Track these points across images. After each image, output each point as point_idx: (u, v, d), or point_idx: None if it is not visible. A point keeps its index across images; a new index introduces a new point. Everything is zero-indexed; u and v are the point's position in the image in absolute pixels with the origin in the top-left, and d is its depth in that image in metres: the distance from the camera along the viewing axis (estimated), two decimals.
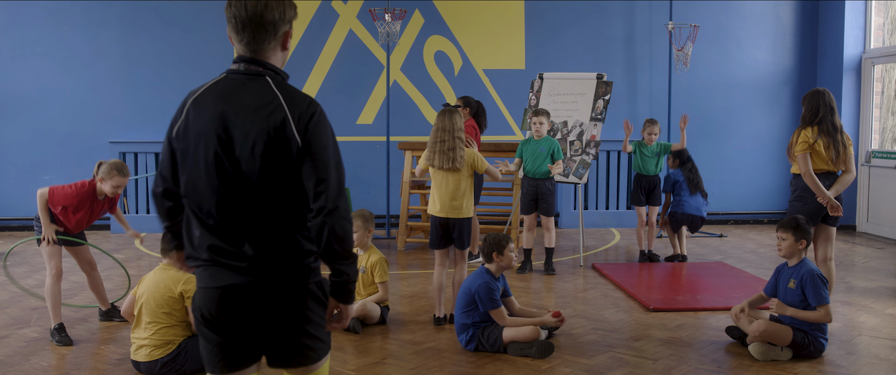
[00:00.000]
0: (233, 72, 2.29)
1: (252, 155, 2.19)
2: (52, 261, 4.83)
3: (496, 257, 4.69)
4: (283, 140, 2.18)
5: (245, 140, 2.19)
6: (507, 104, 9.78)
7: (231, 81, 2.27)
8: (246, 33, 2.26)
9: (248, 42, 2.27)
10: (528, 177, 6.72)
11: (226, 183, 2.22)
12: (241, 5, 2.23)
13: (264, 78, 2.27)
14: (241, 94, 2.24)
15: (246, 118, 2.20)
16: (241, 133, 2.20)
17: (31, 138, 9.22)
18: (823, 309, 4.36)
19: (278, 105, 2.21)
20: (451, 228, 5.11)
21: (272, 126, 2.18)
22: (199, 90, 2.31)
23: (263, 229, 2.23)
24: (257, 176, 2.20)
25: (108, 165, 4.78)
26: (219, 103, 2.23)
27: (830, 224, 5.18)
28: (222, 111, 2.22)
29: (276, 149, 2.18)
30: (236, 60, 2.30)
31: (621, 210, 9.69)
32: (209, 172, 2.22)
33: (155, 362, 4.10)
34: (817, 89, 5.18)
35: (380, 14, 8.58)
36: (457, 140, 5.02)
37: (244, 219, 2.23)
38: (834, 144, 5.05)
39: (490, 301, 4.55)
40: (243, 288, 2.23)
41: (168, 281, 4.15)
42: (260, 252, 2.22)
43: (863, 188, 9.32)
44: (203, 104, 2.26)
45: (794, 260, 4.52)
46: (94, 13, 9.27)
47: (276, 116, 2.19)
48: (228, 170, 2.21)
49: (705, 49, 9.73)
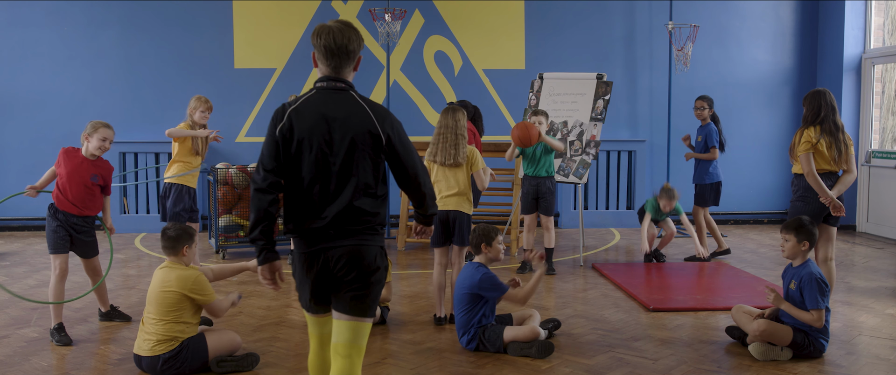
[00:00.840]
0: (322, 89, 2.96)
1: (346, 152, 2.89)
2: (57, 261, 4.85)
3: (484, 248, 4.69)
4: (374, 137, 2.91)
5: (342, 139, 2.88)
6: (507, 104, 9.79)
7: (323, 94, 2.95)
8: (333, 59, 2.94)
9: (334, 66, 2.95)
10: (529, 176, 6.72)
11: (324, 174, 2.90)
12: (330, 38, 2.91)
13: (348, 92, 2.97)
14: (333, 105, 2.92)
15: (342, 123, 2.89)
16: (339, 133, 2.89)
17: (31, 138, 9.23)
18: (816, 314, 4.35)
19: (366, 113, 2.93)
20: (451, 224, 5.12)
21: (366, 129, 2.90)
22: (296, 102, 2.96)
23: (348, 208, 2.90)
24: (349, 168, 2.90)
25: (90, 124, 4.90)
26: (319, 111, 2.91)
27: (832, 224, 5.18)
28: (324, 117, 2.90)
29: (366, 145, 2.91)
30: (323, 79, 2.97)
31: (621, 210, 9.70)
32: (313, 166, 2.89)
33: (157, 358, 4.11)
34: (818, 89, 5.18)
35: (380, 14, 8.59)
36: (459, 137, 5.11)
37: (336, 201, 2.90)
38: (836, 143, 5.06)
39: (497, 288, 4.58)
40: (331, 250, 2.94)
41: (173, 280, 4.16)
42: (344, 224, 2.90)
43: (863, 188, 9.32)
44: (303, 113, 2.91)
45: (798, 261, 4.52)
46: (94, 13, 9.27)
47: (367, 120, 2.91)
48: (328, 165, 2.89)
49: (705, 49, 9.74)
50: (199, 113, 6.32)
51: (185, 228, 4.32)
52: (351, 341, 2.98)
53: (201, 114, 6.32)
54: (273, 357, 4.51)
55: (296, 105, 2.94)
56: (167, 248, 4.29)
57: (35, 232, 9.32)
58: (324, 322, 3.15)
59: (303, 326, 5.15)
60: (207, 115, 6.37)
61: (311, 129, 2.89)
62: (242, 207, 7.68)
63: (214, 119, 8.87)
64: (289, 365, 4.36)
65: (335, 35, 2.90)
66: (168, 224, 4.40)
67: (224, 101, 9.29)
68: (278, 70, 9.54)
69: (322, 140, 2.89)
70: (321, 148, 2.89)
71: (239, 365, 4.24)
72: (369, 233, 2.96)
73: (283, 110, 2.95)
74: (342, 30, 2.93)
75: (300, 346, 4.72)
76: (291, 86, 9.46)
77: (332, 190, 2.90)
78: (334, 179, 2.90)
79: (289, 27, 9.50)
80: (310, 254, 2.96)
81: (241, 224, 7.69)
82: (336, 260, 2.92)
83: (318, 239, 2.93)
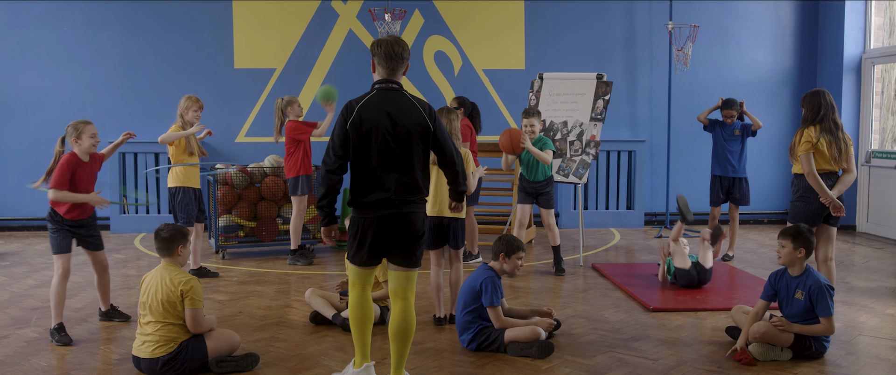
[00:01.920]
0: (381, 89, 3.79)
1: (404, 140, 3.72)
2: (61, 261, 4.86)
3: (503, 258, 4.70)
4: (425, 128, 3.76)
5: (401, 130, 3.71)
6: (507, 104, 9.78)
7: (384, 94, 3.78)
8: (390, 63, 3.79)
9: (390, 70, 3.80)
10: (526, 179, 6.70)
11: (387, 157, 3.71)
12: (389, 47, 3.77)
13: (400, 91, 3.81)
14: (395, 103, 3.75)
15: (401, 117, 3.72)
16: (400, 127, 3.71)
17: (31, 138, 9.22)
18: (827, 322, 4.34)
19: (416, 108, 3.77)
20: (445, 228, 5.12)
21: (418, 121, 3.74)
22: (362, 99, 3.76)
23: (405, 183, 3.73)
24: (406, 152, 3.73)
25: (71, 126, 4.98)
26: (383, 107, 3.73)
27: (832, 224, 5.18)
28: (387, 112, 3.71)
29: (419, 134, 3.75)
30: (381, 81, 3.80)
31: (621, 210, 9.69)
32: (379, 151, 3.70)
33: (156, 360, 4.11)
34: (817, 89, 5.19)
35: (380, 14, 8.59)
36: (454, 138, 5.10)
37: (396, 178, 3.72)
38: (836, 142, 5.06)
39: (493, 296, 4.57)
40: (392, 216, 3.74)
41: (169, 282, 4.15)
42: (402, 196, 3.73)
43: (863, 188, 9.32)
44: (370, 107, 3.72)
45: (796, 269, 4.49)
46: (94, 13, 9.27)
47: (418, 115, 3.76)
48: (391, 148, 3.71)
49: (705, 49, 9.74)
50: (192, 112, 6.34)
51: (178, 228, 4.31)
52: (405, 286, 3.87)
53: (194, 114, 6.35)
54: (273, 357, 4.50)
55: (362, 102, 3.74)
56: (161, 249, 4.28)
57: (35, 232, 9.32)
58: (369, 274, 3.93)
59: (303, 326, 5.16)
60: (199, 115, 6.40)
61: (376, 122, 3.68)
62: (242, 207, 7.68)
63: (214, 119, 8.87)
64: (289, 365, 4.36)
65: (393, 45, 3.76)
66: (161, 224, 4.39)
67: (224, 101, 9.29)
68: (278, 70, 9.53)
69: (386, 131, 3.69)
70: (385, 137, 3.69)
71: (239, 365, 4.24)
72: (420, 203, 3.82)
73: (351, 107, 3.74)
74: (397, 41, 3.79)
75: (300, 346, 4.72)
76: (291, 86, 9.46)
77: (395, 169, 3.71)
78: (396, 161, 3.71)
79: (288, 27, 9.50)
80: (377, 218, 3.73)
81: (241, 224, 7.69)
82: (396, 223, 3.74)
83: (382, 207, 3.72)
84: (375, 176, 3.70)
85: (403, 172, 3.72)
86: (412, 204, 3.77)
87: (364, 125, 3.68)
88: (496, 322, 4.60)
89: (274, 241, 7.78)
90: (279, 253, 7.79)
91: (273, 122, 7.37)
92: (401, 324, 3.86)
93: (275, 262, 7.41)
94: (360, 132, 3.69)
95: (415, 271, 3.88)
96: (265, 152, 8.86)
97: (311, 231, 7.97)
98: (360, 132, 3.69)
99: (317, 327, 5.16)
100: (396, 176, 3.71)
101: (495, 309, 4.58)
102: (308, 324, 5.21)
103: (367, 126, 3.68)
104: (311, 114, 9.19)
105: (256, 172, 7.85)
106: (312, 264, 7.29)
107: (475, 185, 5.29)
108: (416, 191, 3.77)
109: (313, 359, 4.47)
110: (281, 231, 7.81)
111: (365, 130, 3.68)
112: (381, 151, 3.68)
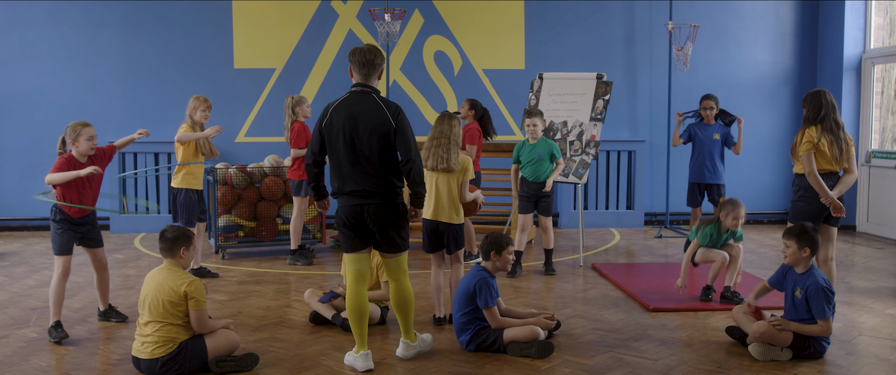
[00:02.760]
0: (354, 93, 4.21)
1: (368, 138, 4.11)
2: (62, 262, 4.88)
3: (494, 256, 4.69)
4: (387, 126, 4.13)
5: (364, 129, 4.11)
6: (507, 104, 9.78)
7: (354, 97, 4.20)
8: (363, 69, 4.21)
9: (363, 75, 4.22)
10: (528, 180, 6.70)
11: (353, 153, 4.13)
12: (362, 55, 4.20)
13: (369, 94, 4.21)
14: (360, 105, 4.16)
15: (364, 118, 4.12)
16: (363, 126, 4.11)
17: (31, 138, 9.22)
18: (824, 324, 4.35)
19: (380, 108, 4.15)
20: (441, 234, 5.12)
21: (379, 121, 4.12)
22: (335, 102, 4.21)
23: (372, 177, 4.14)
24: (370, 149, 4.12)
25: (69, 127, 4.96)
26: (349, 109, 4.15)
27: (832, 224, 5.18)
28: (352, 114, 4.13)
29: (381, 133, 4.12)
30: (355, 85, 4.23)
31: (621, 210, 9.69)
32: (346, 148, 4.14)
33: (155, 360, 4.10)
34: (818, 89, 5.19)
35: (379, 14, 8.59)
36: (453, 143, 5.08)
37: (362, 172, 4.14)
38: (837, 142, 5.06)
39: (488, 297, 4.56)
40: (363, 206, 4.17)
41: (172, 282, 4.15)
42: (370, 188, 4.14)
43: (863, 188, 9.31)
44: (339, 110, 4.16)
45: (801, 267, 4.51)
46: (94, 13, 9.27)
47: (381, 114, 4.14)
48: (355, 147, 4.12)
49: (705, 49, 9.73)
50: (201, 112, 6.34)
51: (182, 230, 4.31)
52: (397, 269, 4.34)
53: (202, 114, 6.35)
54: (273, 357, 4.50)
55: (334, 105, 4.20)
56: (165, 250, 4.28)
57: (35, 232, 9.31)
58: (359, 259, 4.29)
59: (303, 326, 5.16)
60: (208, 115, 6.41)
61: (343, 123, 4.13)
62: (242, 207, 7.68)
63: (214, 119, 8.87)
64: (289, 365, 4.36)
65: (365, 53, 4.20)
66: (166, 226, 4.40)
67: (224, 101, 9.28)
68: (278, 70, 9.53)
69: (351, 130, 4.11)
70: (351, 135, 4.11)
71: (239, 365, 4.24)
72: (390, 194, 4.19)
73: (326, 110, 4.22)
74: (371, 49, 4.22)
75: (300, 346, 4.72)
76: (291, 86, 9.46)
77: (361, 163, 4.12)
78: (362, 157, 4.12)
79: (288, 27, 9.50)
80: (350, 208, 4.17)
81: (241, 224, 7.69)
82: (369, 214, 4.16)
83: (354, 198, 4.16)
84: (345, 170, 4.16)
85: (370, 166, 4.13)
86: (381, 195, 4.16)
87: (333, 126, 4.16)
88: (493, 323, 4.59)
89: (274, 241, 7.78)
90: (279, 253, 7.79)
91: (273, 122, 7.38)
92: (398, 298, 4.39)
93: (274, 262, 7.41)
94: (330, 132, 4.17)
95: (401, 255, 4.33)
96: (265, 152, 8.86)
97: (311, 231, 7.96)
98: (330, 132, 4.17)
99: (316, 327, 5.15)
100: (363, 170, 4.13)
101: (491, 309, 4.58)
102: (308, 324, 5.21)
103: (336, 127, 4.15)
104: (313, 116, 9.18)
105: (256, 172, 7.85)
106: (312, 264, 7.29)
107: (469, 198, 5.22)
108: (385, 184, 4.16)
109: (313, 359, 4.47)
110: (281, 231, 7.81)
111: (334, 131, 4.15)
112: (348, 148, 4.13)
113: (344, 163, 4.16)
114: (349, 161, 4.13)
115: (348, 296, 4.28)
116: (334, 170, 4.21)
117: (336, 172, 4.21)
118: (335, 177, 4.22)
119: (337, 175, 4.21)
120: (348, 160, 4.13)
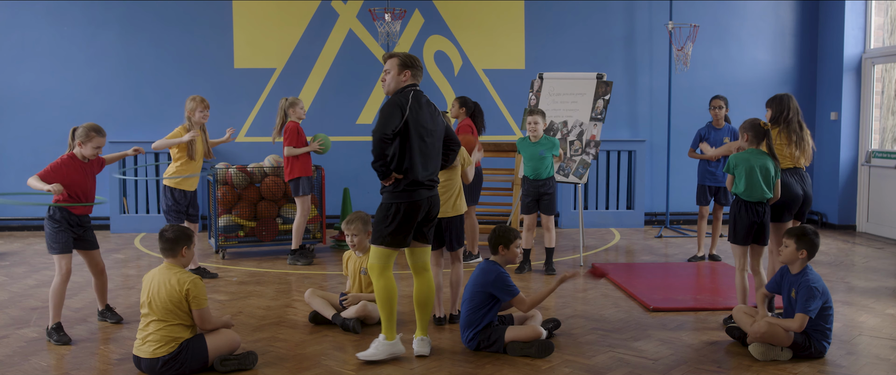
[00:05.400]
0: (417, 90, 4.52)
1: (437, 134, 4.54)
2: (62, 262, 4.85)
3: (502, 250, 4.69)
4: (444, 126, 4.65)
5: (434, 123, 4.51)
6: (507, 104, 9.78)
7: (420, 93, 4.54)
8: (420, 75, 4.60)
9: (419, 77, 4.59)
10: (530, 179, 6.71)
11: (428, 145, 4.46)
12: (419, 65, 4.59)
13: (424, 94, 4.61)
14: (427, 99, 4.57)
15: (434, 113, 4.54)
16: (433, 120, 4.50)
17: (31, 138, 9.22)
18: (800, 318, 4.33)
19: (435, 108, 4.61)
20: (442, 228, 5.10)
21: (441, 119, 4.62)
22: (410, 94, 4.44)
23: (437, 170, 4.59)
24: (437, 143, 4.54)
25: (84, 128, 4.90)
26: (429, 107, 4.53)
27: (798, 219, 5.41)
28: (432, 111, 4.53)
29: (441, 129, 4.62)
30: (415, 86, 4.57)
31: (621, 210, 9.69)
32: (430, 141, 4.48)
33: (156, 360, 4.10)
34: (783, 93, 5.52)
35: (380, 14, 8.59)
36: None
37: (435, 165, 4.54)
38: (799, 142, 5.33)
39: (508, 290, 4.58)
40: (431, 198, 4.51)
41: (173, 282, 4.15)
42: (436, 180, 4.57)
43: (863, 188, 9.32)
44: (418, 100, 4.45)
45: (796, 267, 4.51)
46: (94, 13, 9.27)
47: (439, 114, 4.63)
48: (425, 140, 4.45)
49: (705, 49, 9.74)
50: (199, 113, 6.34)
51: (183, 230, 4.31)
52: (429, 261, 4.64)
53: (201, 114, 6.34)
54: (273, 357, 4.50)
55: (411, 97, 4.44)
56: (165, 250, 4.28)
57: (35, 232, 9.32)
58: (420, 253, 4.59)
59: (303, 326, 5.16)
60: (207, 115, 6.40)
61: (427, 117, 4.47)
62: (242, 207, 7.68)
63: (215, 119, 8.87)
64: (289, 365, 4.36)
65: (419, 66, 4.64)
66: (166, 225, 4.40)
67: (224, 101, 9.29)
68: (278, 70, 9.53)
69: (432, 125, 4.49)
70: (431, 130, 4.47)
71: (242, 364, 4.25)
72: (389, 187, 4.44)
73: (405, 100, 4.41)
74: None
75: (300, 346, 4.72)
76: (291, 86, 9.46)
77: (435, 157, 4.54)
78: (434, 150, 4.54)
79: (288, 27, 9.50)
80: (423, 200, 4.41)
81: (241, 224, 7.69)
82: (433, 205, 4.50)
83: (426, 190, 4.43)
84: (433, 163, 4.58)
85: (437, 159, 4.61)
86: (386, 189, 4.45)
87: (411, 117, 4.46)
88: (523, 307, 4.66)
89: (274, 241, 7.78)
90: (279, 253, 7.79)
91: (274, 122, 7.36)
92: (426, 293, 4.58)
93: (275, 262, 7.41)
94: (417, 124, 4.46)
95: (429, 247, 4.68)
96: (265, 152, 8.86)
97: (311, 231, 7.96)
98: (417, 124, 4.46)
99: (316, 327, 5.15)
100: (436, 163, 4.59)
101: (517, 298, 4.62)
102: (308, 324, 5.21)
103: (414, 118, 4.46)
104: (313, 116, 9.19)
105: (256, 172, 7.85)
106: (312, 264, 7.29)
107: (471, 177, 5.30)
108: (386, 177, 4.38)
109: (313, 359, 4.47)
110: (281, 231, 7.81)
111: (421, 123, 4.50)
112: (426, 142, 4.54)
113: (432, 155, 4.47)
114: (427, 154, 4.43)
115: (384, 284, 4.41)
116: (419, 161, 4.35)
117: (422, 163, 4.37)
118: (420, 167, 4.35)
119: (423, 166, 4.37)
120: (426, 153, 4.42)
